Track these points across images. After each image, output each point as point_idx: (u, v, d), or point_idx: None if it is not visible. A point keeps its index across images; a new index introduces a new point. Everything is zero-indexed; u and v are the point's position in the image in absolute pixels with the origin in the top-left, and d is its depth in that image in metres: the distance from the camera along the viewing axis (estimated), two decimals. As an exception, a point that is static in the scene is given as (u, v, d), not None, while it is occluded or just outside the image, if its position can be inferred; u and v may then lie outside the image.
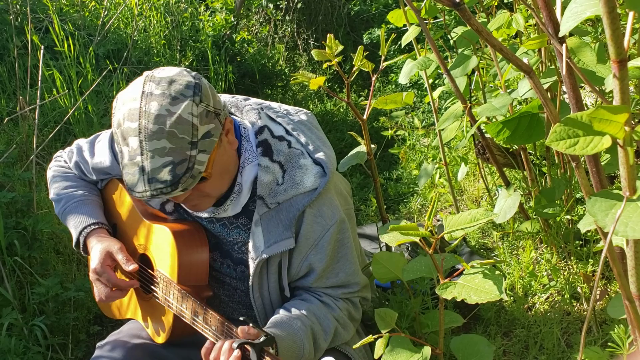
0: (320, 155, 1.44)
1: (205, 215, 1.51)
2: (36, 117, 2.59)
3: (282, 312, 1.41)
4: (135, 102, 1.26)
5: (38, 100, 2.64)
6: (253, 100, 1.57)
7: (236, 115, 1.54)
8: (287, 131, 1.48)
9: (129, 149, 1.26)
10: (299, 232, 1.42)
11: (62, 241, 2.52)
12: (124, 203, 1.66)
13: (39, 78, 2.67)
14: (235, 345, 1.21)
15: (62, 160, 1.74)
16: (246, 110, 1.52)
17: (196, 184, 1.29)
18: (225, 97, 1.56)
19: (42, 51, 2.64)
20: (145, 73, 1.32)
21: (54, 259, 2.42)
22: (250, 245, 1.44)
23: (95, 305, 2.29)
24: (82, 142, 1.70)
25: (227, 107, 1.54)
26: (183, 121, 1.24)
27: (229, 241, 1.52)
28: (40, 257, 2.32)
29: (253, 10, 5.11)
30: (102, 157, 1.62)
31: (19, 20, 3.59)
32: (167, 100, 1.25)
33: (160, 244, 1.51)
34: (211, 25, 4.40)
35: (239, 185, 1.43)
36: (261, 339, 1.22)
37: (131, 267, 1.48)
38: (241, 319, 1.24)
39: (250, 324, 1.23)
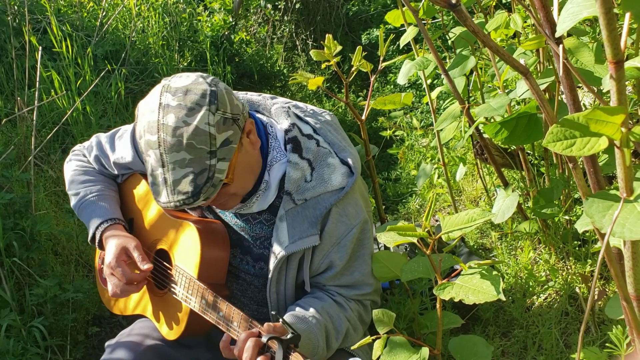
0: (347, 155, 1.47)
1: (230, 210, 1.52)
2: (34, 118, 2.59)
3: (297, 309, 1.42)
4: (154, 115, 1.27)
5: (36, 101, 2.63)
6: (280, 99, 1.59)
7: (264, 114, 1.55)
8: (314, 130, 1.50)
9: (151, 160, 1.28)
10: (323, 230, 1.43)
11: (60, 242, 2.51)
12: (144, 197, 1.66)
13: (37, 79, 2.66)
14: (264, 339, 1.21)
15: (80, 155, 1.75)
16: (274, 109, 1.53)
17: (218, 190, 1.31)
18: (252, 96, 1.58)
19: (40, 52, 2.64)
20: (163, 82, 1.33)
21: (53, 260, 2.42)
22: (274, 240, 1.45)
23: (94, 306, 2.29)
24: (102, 136, 1.71)
25: (255, 107, 1.56)
26: (200, 132, 1.25)
27: (251, 236, 1.53)
28: (39, 258, 2.32)
29: (251, 10, 5.10)
30: (123, 152, 1.63)
31: (17, 21, 3.59)
32: (183, 111, 1.26)
33: (182, 239, 1.51)
34: (209, 25, 4.40)
35: (266, 183, 1.45)
36: (288, 336, 1.22)
37: (146, 266, 1.49)
38: (273, 313, 1.25)
39: (280, 319, 1.23)
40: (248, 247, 1.54)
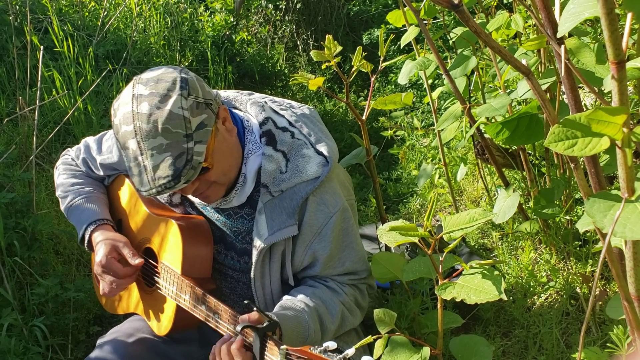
0: (322, 145, 1.49)
1: (211, 205, 1.54)
2: (36, 118, 2.59)
3: (286, 297, 1.45)
4: (128, 106, 1.30)
5: (37, 101, 2.64)
6: (257, 95, 1.61)
7: (240, 110, 1.57)
8: (290, 123, 1.52)
9: (130, 151, 1.30)
10: (302, 220, 1.45)
11: (61, 242, 2.52)
12: (130, 198, 1.69)
13: (39, 78, 2.67)
14: (238, 328, 1.23)
15: (69, 158, 1.78)
16: (250, 104, 1.55)
17: (198, 174, 1.33)
18: (229, 93, 1.61)
19: (41, 52, 2.64)
20: (135, 77, 1.36)
21: (54, 260, 2.42)
22: (254, 233, 1.46)
23: (95, 306, 2.29)
24: (90, 139, 1.74)
25: (232, 103, 1.59)
26: (174, 116, 1.28)
27: (233, 231, 1.54)
28: (40, 257, 2.32)
29: (252, 10, 5.10)
30: (109, 153, 1.67)
31: (19, 20, 3.59)
32: (156, 98, 1.29)
33: (165, 236, 1.53)
34: (211, 25, 4.40)
35: (244, 176, 1.47)
36: (264, 324, 1.23)
37: (137, 261, 1.52)
38: (246, 302, 1.27)
39: (255, 308, 1.25)
40: (231, 243, 1.56)
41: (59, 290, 2.11)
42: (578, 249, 1.97)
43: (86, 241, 1.61)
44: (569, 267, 1.96)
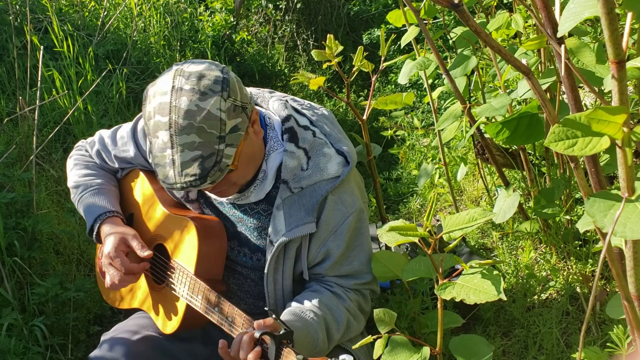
0: (342, 146, 1.50)
1: (227, 200, 1.54)
2: (36, 118, 2.59)
3: (294, 305, 1.44)
4: (166, 97, 1.29)
5: (38, 101, 2.64)
6: (278, 93, 1.63)
7: (262, 107, 1.58)
8: (311, 122, 1.53)
9: (159, 141, 1.30)
10: (319, 218, 1.46)
11: (61, 241, 2.52)
12: (143, 192, 1.68)
13: (39, 78, 2.67)
14: (257, 335, 1.23)
15: (83, 149, 1.78)
16: (272, 101, 1.56)
17: (224, 176, 1.33)
18: (251, 90, 1.62)
19: (41, 51, 2.64)
20: (175, 66, 1.35)
21: (54, 259, 2.42)
22: (271, 229, 1.47)
23: (95, 305, 2.29)
24: (104, 132, 1.74)
25: (253, 99, 1.59)
26: (212, 116, 1.28)
27: (249, 227, 1.55)
28: (40, 257, 2.32)
29: (252, 10, 5.10)
30: (125, 147, 1.67)
31: (19, 20, 3.59)
32: (196, 95, 1.28)
33: (180, 234, 1.53)
34: (211, 25, 4.40)
35: (264, 172, 1.47)
36: (281, 332, 1.24)
37: (146, 253, 1.52)
38: (266, 309, 1.27)
39: (274, 316, 1.26)
40: (246, 239, 1.56)
41: (59, 290, 2.11)
42: (578, 248, 1.97)
43: (94, 233, 1.61)
44: (569, 267, 1.96)
